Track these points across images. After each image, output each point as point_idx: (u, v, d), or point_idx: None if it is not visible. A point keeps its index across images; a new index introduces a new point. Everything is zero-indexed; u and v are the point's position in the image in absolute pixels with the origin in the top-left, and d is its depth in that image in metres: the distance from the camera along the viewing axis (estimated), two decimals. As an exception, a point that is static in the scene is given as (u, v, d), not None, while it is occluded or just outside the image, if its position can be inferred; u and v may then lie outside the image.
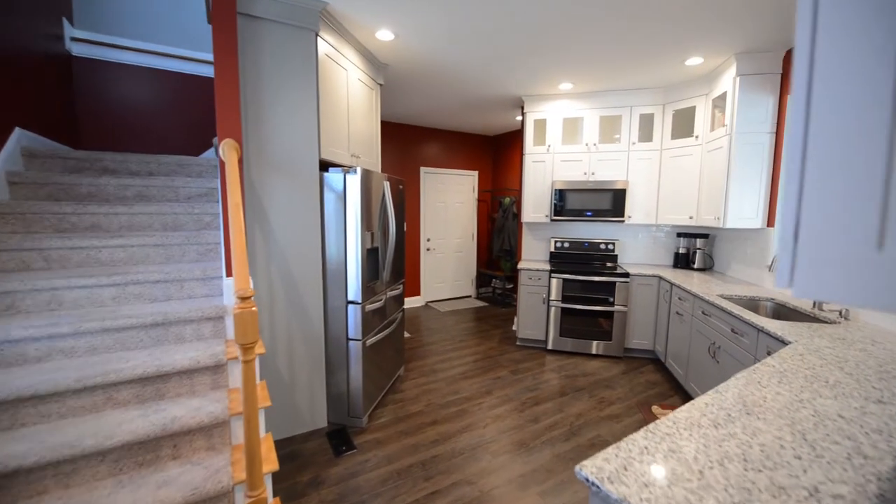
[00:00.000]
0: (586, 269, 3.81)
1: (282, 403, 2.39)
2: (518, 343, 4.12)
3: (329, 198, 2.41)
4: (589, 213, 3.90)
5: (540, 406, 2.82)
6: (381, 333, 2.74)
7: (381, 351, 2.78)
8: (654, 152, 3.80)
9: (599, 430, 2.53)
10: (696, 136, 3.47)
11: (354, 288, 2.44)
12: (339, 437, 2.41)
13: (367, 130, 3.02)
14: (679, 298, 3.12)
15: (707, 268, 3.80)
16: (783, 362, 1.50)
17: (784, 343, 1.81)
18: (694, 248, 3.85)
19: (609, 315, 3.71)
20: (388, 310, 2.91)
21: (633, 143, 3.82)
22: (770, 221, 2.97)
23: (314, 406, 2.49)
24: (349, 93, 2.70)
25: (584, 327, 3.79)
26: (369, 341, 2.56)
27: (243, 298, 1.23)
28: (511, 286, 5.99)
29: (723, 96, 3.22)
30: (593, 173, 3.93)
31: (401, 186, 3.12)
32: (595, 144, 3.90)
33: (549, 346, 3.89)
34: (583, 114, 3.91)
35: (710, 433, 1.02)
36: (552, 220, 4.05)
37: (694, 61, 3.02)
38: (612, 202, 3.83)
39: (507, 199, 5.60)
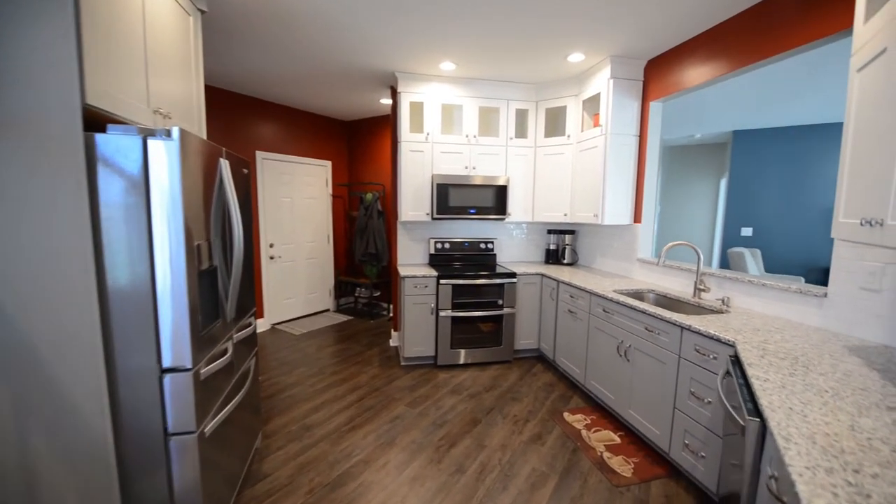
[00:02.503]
0: (470, 270, 3.49)
1: None
2: (404, 364, 3.51)
3: (110, 184, 1.28)
4: (472, 211, 3.59)
5: (457, 447, 2.30)
6: (230, 405, 1.72)
7: (230, 426, 1.75)
8: (529, 149, 3.75)
9: (531, 461, 2.18)
10: (569, 136, 3.54)
11: (176, 342, 1.38)
12: None
13: (182, 81, 1.88)
14: (570, 296, 3.09)
15: (574, 262, 4.00)
16: (767, 372, 1.37)
17: (722, 342, 1.77)
18: (563, 245, 4.01)
19: (499, 319, 3.49)
20: (238, 362, 1.89)
21: (511, 139, 3.69)
22: (637, 218, 3.21)
23: (98, 571, 1.33)
24: (147, 6, 1.57)
25: (474, 335, 3.47)
26: (210, 427, 1.53)
27: None
28: (378, 294, 5.30)
29: (594, 98, 3.35)
30: (474, 167, 3.64)
31: (245, 170, 2.10)
32: (475, 136, 3.60)
33: (440, 362, 3.43)
34: (462, 101, 3.56)
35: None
36: (434, 219, 3.58)
37: (576, 57, 3.00)
38: (495, 199, 3.62)
39: (370, 195, 4.88)
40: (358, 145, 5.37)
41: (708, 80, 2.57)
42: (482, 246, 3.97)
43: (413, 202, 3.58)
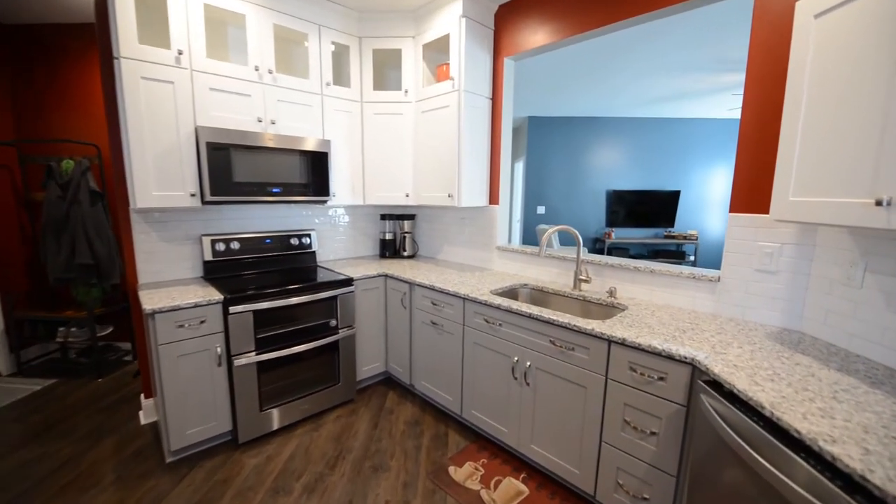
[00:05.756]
0: (280, 282, 2.29)
1: None
2: (173, 461, 2.01)
3: None
4: (276, 190, 2.33)
5: None
6: None
7: None
8: (354, 103, 2.72)
9: None
10: (406, 91, 2.70)
11: None
12: None
13: None
14: (432, 303, 2.34)
15: (414, 254, 3.28)
16: (805, 416, 0.95)
17: (675, 360, 1.35)
18: (402, 233, 3.22)
19: (333, 347, 2.43)
20: None
21: (328, 85, 2.56)
22: (494, 198, 2.71)
23: None
24: None
25: (298, 378, 2.30)
26: None
27: None
28: (109, 331, 3.22)
29: (437, 44, 2.59)
30: (273, 121, 2.35)
31: None
32: (271, 72, 2.30)
33: (244, 437, 2.12)
34: (245, 9, 2.18)
35: None
36: (206, 203, 2.14)
37: (421, -28, 2.14)
38: (310, 172, 2.45)
39: (68, 163, 2.78)
40: (37, 72, 3.01)
41: (563, 38, 2.20)
42: (294, 242, 2.73)
43: (159, 174, 2.01)
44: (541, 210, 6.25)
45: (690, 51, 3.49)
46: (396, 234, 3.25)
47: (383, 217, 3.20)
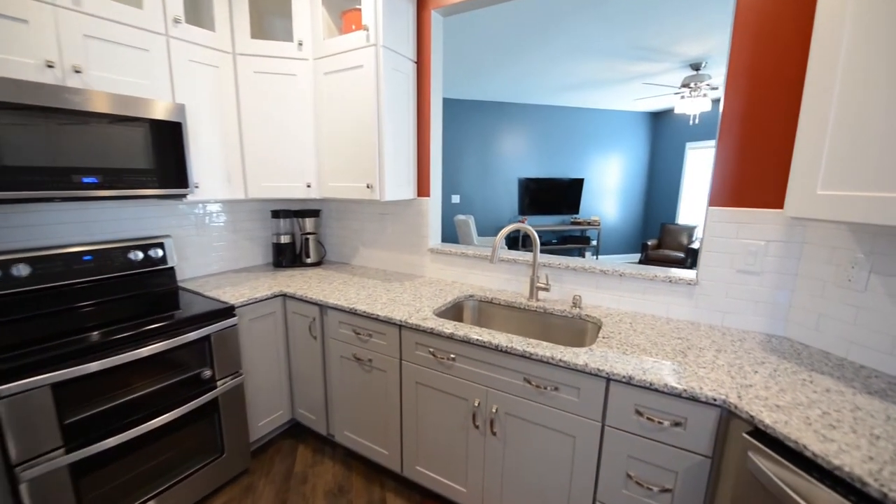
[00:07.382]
0: (105, 321, 1.49)
1: None
2: None
3: None
4: (91, 180, 1.47)
5: None
6: None
7: None
8: (222, 55, 1.91)
9: None
10: (300, 44, 1.99)
11: None
12: None
13: None
14: (355, 332, 1.76)
15: (321, 261, 2.61)
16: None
17: (700, 402, 1.05)
18: (303, 234, 2.51)
19: (209, 409, 1.69)
20: None
21: (177, 22, 1.72)
22: (423, 189, 2.20)
23: None
24: None
25: (155, 461, 1.53)
26: None
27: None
28: None
29: (341, -21, 1.94)
30: (77, 69, 1.45)
31: None
32: (65, -13, 1.41)
33: (55, 583, 1.30)
34: None
35: None
36: (-58, 205, 1.22)
37: None
38: (157, 153, 1.63)
39: None
40: None
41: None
42: (136, 256, 1.85)
43: None
44: (455, 199, 5.92)
45: (606, 35, 3.40)
46: (295, 235, 2.53)
47: (276, 215, 2.45)
